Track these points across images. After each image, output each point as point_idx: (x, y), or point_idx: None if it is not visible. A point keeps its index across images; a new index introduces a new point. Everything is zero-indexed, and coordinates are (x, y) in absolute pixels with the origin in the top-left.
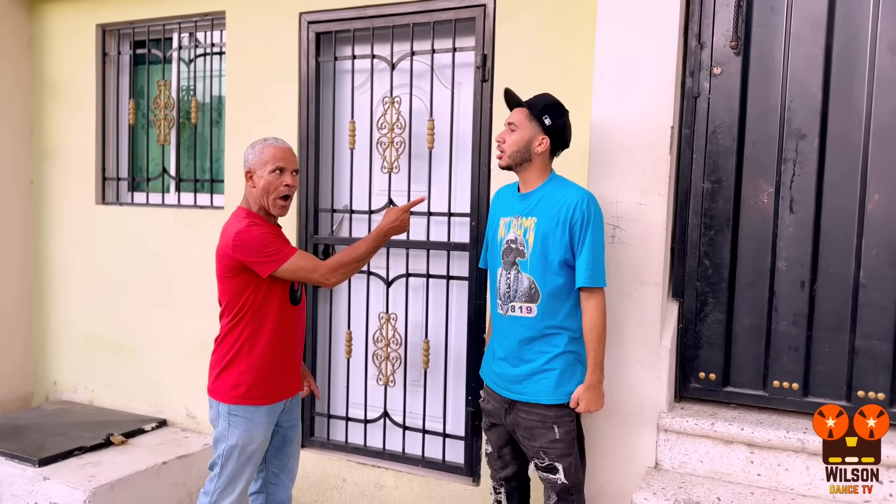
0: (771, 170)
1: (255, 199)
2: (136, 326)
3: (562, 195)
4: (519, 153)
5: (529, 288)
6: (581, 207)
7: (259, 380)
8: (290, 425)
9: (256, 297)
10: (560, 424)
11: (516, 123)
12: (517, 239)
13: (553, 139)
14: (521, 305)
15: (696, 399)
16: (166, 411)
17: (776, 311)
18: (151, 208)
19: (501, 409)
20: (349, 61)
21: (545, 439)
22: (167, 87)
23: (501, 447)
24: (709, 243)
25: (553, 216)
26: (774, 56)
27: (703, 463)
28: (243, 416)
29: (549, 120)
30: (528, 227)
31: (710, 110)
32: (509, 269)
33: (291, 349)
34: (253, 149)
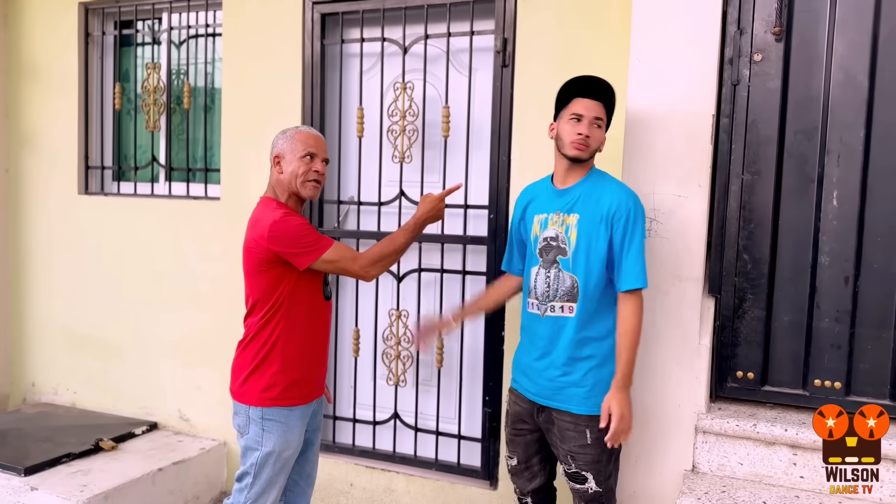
0: (813, 161)
1: (284, 185)
2: (122, 324)
3: (605, 191)
4: (595, 150)
5: (572, 287)
6: (627, 206)
7: (295, 379)
8: (314, 428)
9: (291, 291)
10: (592, 429)
11: (604, 120)
12: (558, 236)
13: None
14: (562, 305)
15: (733, 399)
16: (157, 413)
17: (818, 308)
18: (139, 199)
19: (532, 408)
20: (357, 44)
21: (575, 443)
22: (157, 70)
23: (530, 457)
24: (748, 237)
25: (597, 213)
26: (818, 43)
27: (742, 465)
28: (278, 419)
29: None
30: (571, 223)
31: (750, 99)
32: (549, 268)
33: (323, 346)
34: (284, 134)
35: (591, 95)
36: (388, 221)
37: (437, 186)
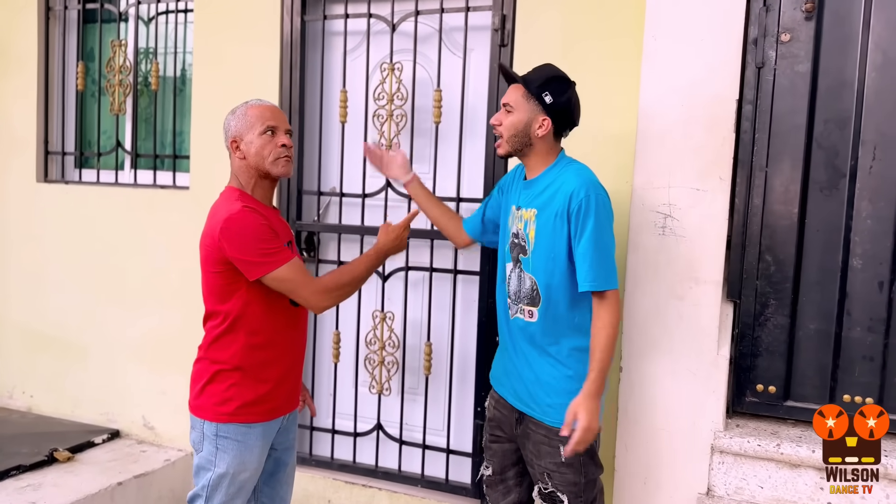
0: (845, 153)
1: (250, 169)
2: (83, 323)
3: (563, 182)
4: (517, 138)
5: (531, 290)
6: (578, 196)
7: (256, 393)
8: (286, 447)
9: (251, 296)
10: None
11: (512, 104)
12: (519, 233)
13: (556, 119)
14: (523, 308)
15: (751, 415)
16: (119, 420)
17: (848, 315)
18: (103, 187)
19: (512, 417)
20: (341, 21)
21: (550, 459)
22: (123, 48)
23: (506, 468)
24: (771, 236)
25: (552, 207)
26: (852, 21)
27: (763, 489)
28: (234, 437)
29: (550, 97)
30: (529, 219)
31: (776, 83)
32: (515, 266)
33: (293, 356)
34: (234, 114)
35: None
36: (372, 215)
37: (427, 177)
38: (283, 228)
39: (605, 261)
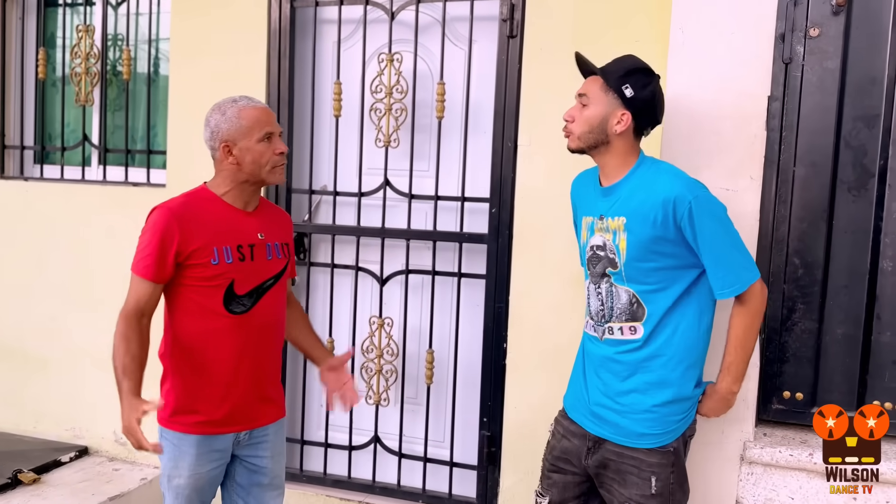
0: (874, 152)
1: (234, 176)
2: (45, 331)
3: (655, 185)
4: (591, 134)
5: (631, 303)
6: (685, 200)
7: (184, 403)
8: (256, 464)
9: (173, 299)
10: (659, 476)
11: (588, 96)
12: (605, 244)
13: (637, 114)
14: (621, 326)
15: (777, 423)
16: (87, 436)
17: (878, 319)
18: (67, 184)
19: (583, 447)
20: (334, 8)
21: (637, 490)
22: (90, 33)
23: (566, 501)
24: (799, 238)
25: (648, 214)
26: (882, 16)
27: (793, 500)
28: (171, 440)
29: (631, 90)
30: (618, 229)
31: (804, 80)
32: (599, 282)
33: (237, 371)
34: (224, 114)
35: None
36: (369, 214)
37: (428, 175)
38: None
39: (738, 256)
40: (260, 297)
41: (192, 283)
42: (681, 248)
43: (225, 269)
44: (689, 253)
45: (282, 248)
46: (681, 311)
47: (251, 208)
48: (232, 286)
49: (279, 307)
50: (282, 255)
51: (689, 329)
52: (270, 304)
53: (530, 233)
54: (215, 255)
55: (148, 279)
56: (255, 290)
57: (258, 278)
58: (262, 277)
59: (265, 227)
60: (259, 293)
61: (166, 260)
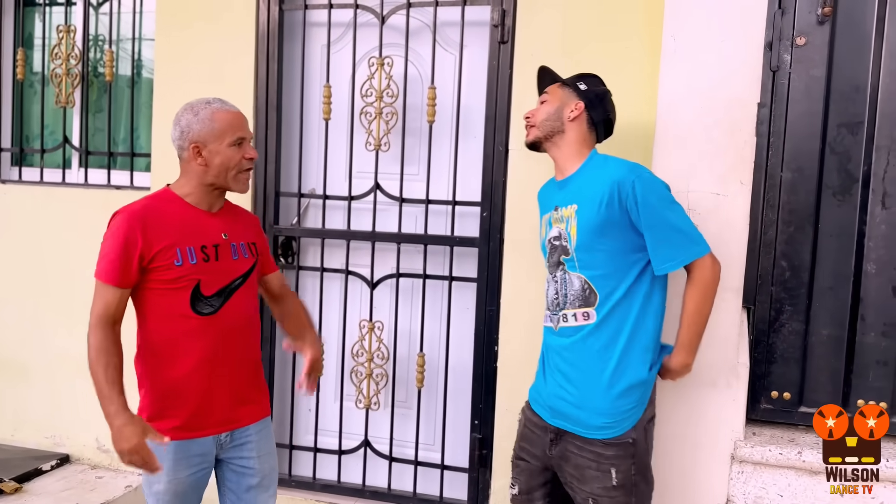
0: (858, 158)
1: (200, 178)
2: (24, 338)
3: (603, 172)
4: (548, 121)
5: (583, 289)
6: (629, 180)
7: (155, 408)
8: (244, 465)
9: (141, 301)
10: (619, 467)
11: (548, 93)
12: (560, 234)
13: (589, 105)
14: (574, 312)
15: (766, 422)
16: (69, 444)
17: (862, 321)
18: (47, 187)
19: (545, 438)
20: (323, 11)
21: (598, 484)
22: (71, 34)
23: (533, 489)
24: (787, 242)
25: (595, 197)
26: (866, 26)
27: (782, 497)
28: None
29: (584, 85)
30: (570, 216)
31: (791, 87)
32: (555, 271)
33: (205, 372)
34: (196, 115)
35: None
36: (359, 218)
37: (419, 179)
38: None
39: (683, 230)
40: (228, 297)
41: (158, 286)
42: (627, 232)
43: (189, 269)
44: (637, 236)
45: (248, 247)
46: (632, 295)
47: (215, 210)
48: (198, 287)
49: (250, 307)
50: (248, 254)
51: (641, 313)
52: (240, 303)
53: (521, 236)
54: (178, 256)
55: (113, 284)
56: (223, 290)
57: (225, 278)
58: (229, 277)
59: (229, 227)
60: (227, 293)
61: (131, 264)
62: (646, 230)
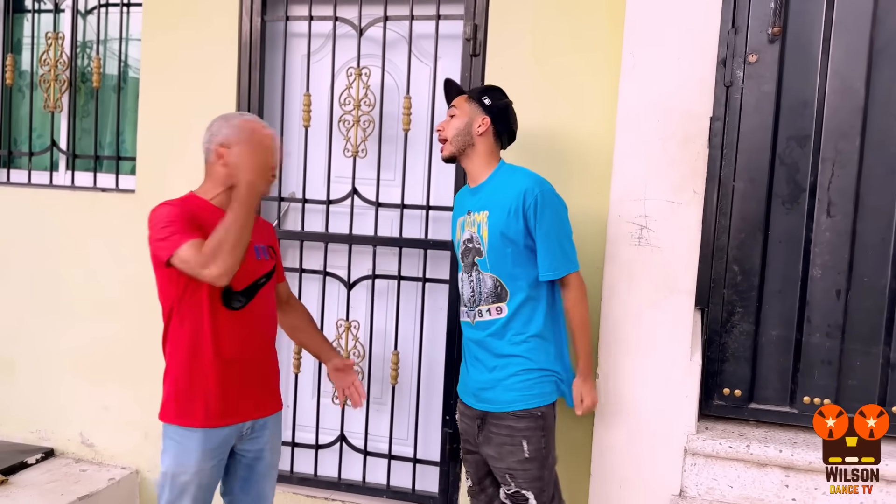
0: (806, 169)
1: (226, 178)
2: (9, 335)
3: (512, 182)
4: (460, 137)
5: (495, 287)
6: (533, 191)
7: (188, 399)
8: (256, 457)
9: (179, 296)
10: (530, 440)
11: (456, 107)
12: (472, 237)
13: (494, 119)
14: (488, 308)
15: (718, 417)
16: (54, 438)
17: (808, 322)
18: (34, 189)
19: (474, 426)
20: (303, 23)
21: (513, 458)
22: (60, 41)
23: (482, 478)
24: (738, 247)
25: (504, 205)
26: (813, 46)
27: (732, 488)
28: (174, 437)
29: (489, 100)
30: (482, 221)
31: (743, 102)
32: (470, 271)
33: (235, 364)
34: (227, 122)
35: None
36: (337, 222)
37: (394, 184)
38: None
39: (564, 248)
40: (255, 293)
41: (193, 279)
42: (529, 239)
43: None
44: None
45: (268, 250)
46: (537, 293)
47: None
48: (230, 283)
49: (271, 304)
50: (269, 256)
51: (546, 309)
52: (264, 300)
53: None
54: None
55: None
56: (250, 287)
57: (251, 276)
58: (255, 276)
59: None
60: (253, 290)
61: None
62: (538, 239)
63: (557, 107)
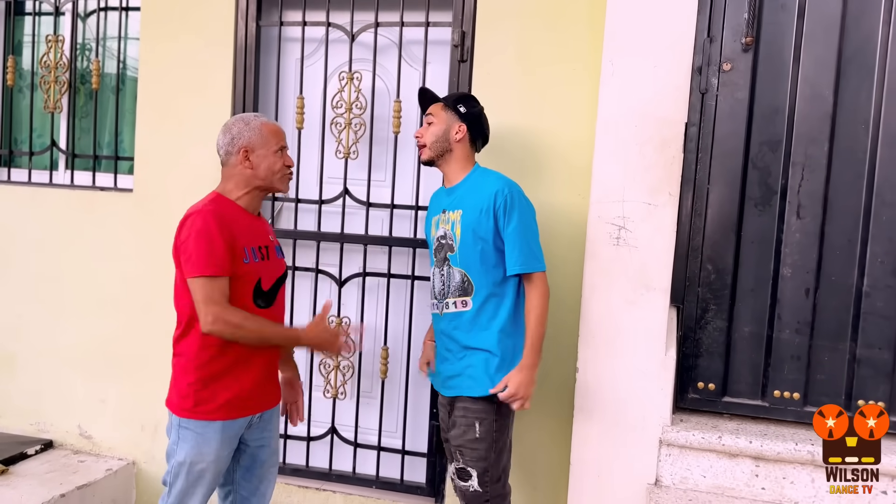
0: (777, 173)
1: (254, 179)
2: (9, 329)
3: (484, 184)
4: (438, 143)
5: (462, 281)
6: (503, 193)
7: (210, 393)
8: (261, 444)
9: None
10: (482, 422)
11: (433, 115)
12: (446, 234)
13: (470, 126)
14: (454, 301)
15: (693, 410)
16: (52, 430)
17: (779, 319)
18: (34, 188)
19: (446, 412)
20: (297, 28)
21: (465, 437)
22: (60, 44)
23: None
24: (712, 247)
25: (477, 205)
26: (784, 56)
27: (705, 478)
28: (193, 429)
29: (464, 108)
30: (455, 220)
31: (718, 108)
32: (441, 266)
33: (256, 360)
34: (248, 125)
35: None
36: (329, 221)
37: (385, 185)
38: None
39: (532, 246)
40: (277, 291)
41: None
42: (498, 239)
43: (254, 266)
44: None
45: (281, 249)
46: (501, 290)
47: (256, 213)
48: (259, 283)
49: (284, 300)
50: (282, 255)
51: (511, 306)
52: (281, 298)
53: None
54: (247, 253)
55: (223, 275)
56: (274, 285)
57: (274, 275)
58: (277, 274)
59: (267, 229)
60: (276, 288)
61: (227, 253)
62: (506, 236)
63: (541, 112)
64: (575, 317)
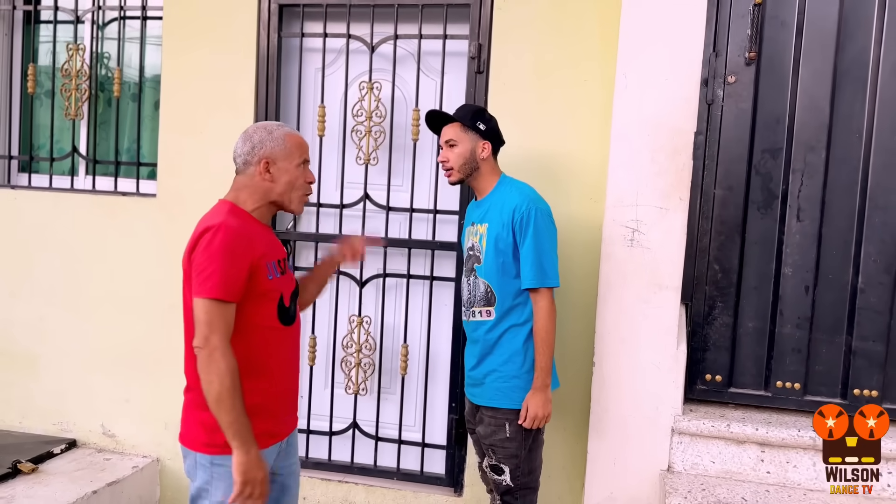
0: (778, 178)
1: (270, 193)
2: (32, 331)
3: (508, 199)
4: (467, 165)
5: (486, 292)
6: (521, 209)
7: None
8: (290, 472)
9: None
10: (511, 423)
11: (454, 138)
12: (474, 246)
13: (492, 141)
14: (479, 310)
15: (701, 401)
16: (75, 430)
17: (781, 315)
18: (56, 193)
19: (473, 414)
20: (318, 39)
21: (496, 437)
22: (81, 52)
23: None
24: (718, 248)
25: (499, 220)
26: (784, 67)
27: (714, 464)
28: (228, 465)
29: (483, 124)
30: (483, 233)
31: (723, 118)
32: (469, 276)
33: (285, 381)
34: (270, 134)
35: (435, 128)
36: (350, 224)
37: (404, 190)
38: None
39: (543, 262)
40: (295, 307)
41: (251, 297)
42: (516, 252)
43: (277, 282)
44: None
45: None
46: (521, 300)
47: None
48: (282, 299)
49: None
50: (292, 267)
51: (529, 315)
52: (298, 312)
53: None
54: (269, 269)
55: (233, 301)
56: (292, 301)
57: (290, 289)
58: (292, 288)
59: (278, 242)
60: (293, 304)
61: (242, 277)
62: (522, 249)
63: (555, 120)
64: (591, 314)
